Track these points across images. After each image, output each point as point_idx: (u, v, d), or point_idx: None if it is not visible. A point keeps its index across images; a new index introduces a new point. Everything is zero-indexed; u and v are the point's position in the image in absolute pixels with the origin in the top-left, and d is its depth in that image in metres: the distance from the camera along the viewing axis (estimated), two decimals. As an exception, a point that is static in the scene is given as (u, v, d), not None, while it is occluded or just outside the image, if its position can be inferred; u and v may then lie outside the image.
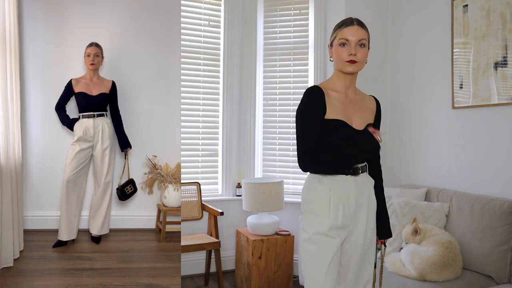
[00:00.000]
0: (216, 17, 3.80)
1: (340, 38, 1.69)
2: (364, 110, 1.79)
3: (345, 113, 1.72)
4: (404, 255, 2.47)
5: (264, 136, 3.87)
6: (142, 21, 3.43)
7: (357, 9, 3.55)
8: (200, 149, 3.78)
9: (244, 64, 3.83)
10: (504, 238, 2.37)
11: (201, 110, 3.77)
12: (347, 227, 1.72)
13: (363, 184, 1.76)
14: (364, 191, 1.76)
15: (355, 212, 1.73)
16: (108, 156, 3.12)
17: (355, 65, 1.69)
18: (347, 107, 1.74)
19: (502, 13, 2.60)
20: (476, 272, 2.46)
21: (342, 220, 1.69)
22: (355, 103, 1.77)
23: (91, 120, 3.08)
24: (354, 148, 1.70)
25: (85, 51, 3.09)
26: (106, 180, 3.14)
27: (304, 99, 1.71)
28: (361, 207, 1.74)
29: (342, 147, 1.69)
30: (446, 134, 3.06)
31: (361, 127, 1.74)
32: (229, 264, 3.75)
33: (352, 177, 1.71)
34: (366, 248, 1.78)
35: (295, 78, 3.79)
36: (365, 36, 1.70)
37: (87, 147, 3.07)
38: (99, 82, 3.16)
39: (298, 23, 3.79)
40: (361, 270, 1.81)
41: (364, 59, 1.71)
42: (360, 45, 1.68)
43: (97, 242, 3.13)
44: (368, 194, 1.77)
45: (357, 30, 1.68)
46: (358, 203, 1.73)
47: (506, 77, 2.58)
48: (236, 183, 3.82)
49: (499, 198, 2.49)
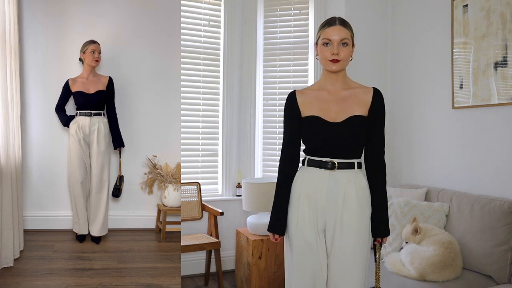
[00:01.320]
0: (216, 17, 3.80)
1: (323, 38, 1.75)
2: (349, 103, 1.77)
3: (323, 108, 1.78)
4: (404, 255, 2.47)
5: (264, 136, 3.87)
6: (142, 21, 3.43)
7: (357, 9, 3.55)
8: (200, 149, 3.78)
9: (244, 64, 3.83)
10: (504, 238, 2.37)
11: (201, 110, 3.77)
12: (319, 220, 1.76)
13: (341, 180, 1.74)
14: (340, 188, 1.74)
15: (326, 207, 1.74)
16: (103, 155, 3.12)
17: (339, 63, 1.74)
18: (327, 103, 1.79)
19: (502, 13, 2.60)
20: (476, 272, 2.46)
21: (309, 213, 1.76)
22: (340, 97, 1.79)
23: (87, 119, 3.09)
24: (317, 140, 1.76)
25: (87, 47, 3.08)
26: (103, 180, 3.13)
27: (284, 106, 1.90)
28: (333, 203, 1.74)
29: (315, 140, 1.77)
30: (446, 134, 3.06)
31: (341, 119, 1.76)
32: (229, 264, 3.75)
33: (326, 171, 1.75)
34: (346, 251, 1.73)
35: (295, 78, 3.79)
36: (348, 35, 1.74)
37: (84, 145, 3.09)
38: (96, 80, 3.16)
39: (298, 23, 3.79)
40: (342, 276, 1.73)
41: (347, 57, 1.76)
42: (343, 44, 1.73)
43: (97, 242, 3.13)
44: (345, 193, 1.74)
45: (339, 29, 1.73)
46: (329, 197, 1.74)
47: (506, 77, 2.58)
48: (236, 183, 3.82)
49: (499, 198, 2.49)
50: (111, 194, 3.20)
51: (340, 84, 1.81)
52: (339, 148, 1.75)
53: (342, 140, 1.74)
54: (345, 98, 1.78)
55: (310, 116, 1.79)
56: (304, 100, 1.81)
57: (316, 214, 1.76)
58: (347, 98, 1.78)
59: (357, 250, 1.74)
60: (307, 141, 1.81)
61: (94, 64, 3.11)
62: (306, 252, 1.77)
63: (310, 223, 1.77)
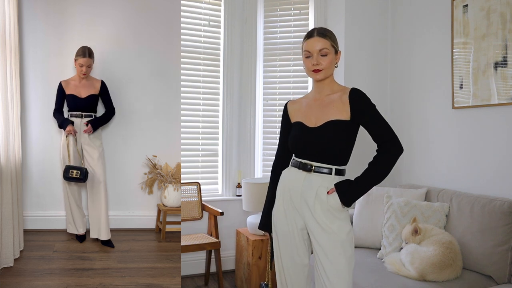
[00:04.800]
0: (216, 17, 3.80)
1: (304, 51, 1.83)
2: (328, 108, 1.81)
3: (307, 115, 1.87)
4: (404, 255, 2.47)
5: (264, 136, 3.87)
6: (142, 21, 3.44)
7: (357, 9, 3.55)
8: (200, 149, 3.78)
9: (244, 64, 3.83)
10: (504, 238, 2.37)
11: (201, 110, 3.77)
12: (296, 216, 1.84)
13: (315, 183, 1.79)
14: (312, 190, 1.79)
15: (300, 207, 1.83)
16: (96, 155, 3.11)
17: (321, 73, 1.81)
18: (310, 109, 1.87)
19: (502, 13, 2.60)
20: (476, 272, 2.45)
21: (284, 208, 1.87)
22: (321, 103, 1.86)
23: (78, 120, 3.12)
24: (297, 144, 1.85)
25: (77, 59, 3.06)
26: (100, 180, 3.12)
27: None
28: (305, 203, 1.81)
29: (293, 143, 1.88)
30: (446, 134, 3.06)
31: (319, 124, 1.82)
32: (229, 264, 3.75)
33: (303, 172, 1.83)
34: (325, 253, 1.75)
35: (295, 78, 3.79)
36: (326, 45, 1.79)
37: (76, 144, 3.10)
38: (88, 84, 3.17)
39: (298, 23, 3.79)
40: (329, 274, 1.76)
41: (329, 65, 1.80)
42: (322, 55, 1.79)
43: (112, 245, 3.13)
44: (317, 195, 1.78)
45: (317, 41, 1.78)
46: (303, 198, 1.81)
47: (506, 77, 2.58)
48: (236, 183, 3.82)
49: (499, 198, 2.49)
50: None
51: (325, 91, 1.87)
52: (316, 152, 1.80)
53: (318, 144, 1.79)
54: (327, 103, 1.84)
55: (295, 122, 1.92)
56: (294, 108, 1.96)
57: (293, 213, 1.86)
58: (329, 103, 1.83)
59: (336, 249, 1.75)
60: (290, 144, 1.92)
61: (82, 77, 3.12)
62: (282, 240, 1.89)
63: (284, 216, 1.88)
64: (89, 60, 3.08)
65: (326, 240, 1.76)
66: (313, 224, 1.79)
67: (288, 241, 1.87)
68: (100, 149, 3.16)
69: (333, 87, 1.88)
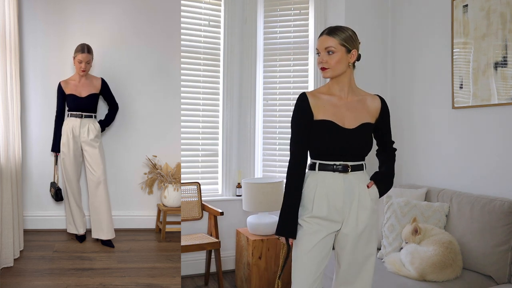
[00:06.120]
0: (216, 17, 3.80)
1: (316, 49, 1.88)
2: (360, 111, 1.87)
3: (336, 114, 1.84)
4: (404, 255, 2.47)
5: (264, 136, 3.87)
6: (142, 21, 3.43)
7: (357, 9, 3.55)
8: (200, 149, 3.78)
9: (244, 64, 3.83)
10: (504, 238, 2.37)
11: (201, 110, 3.77)
12: (335, 221, 1.82)
13: (354, 182, 1.83)
14: (355, 189, 1.83)
15: (343, 209, 1.82)
16: (96, 154, 3.11)
17: (327, 71, 1.82)
18: (339, 109, 1.85)
19: (502, 13, 2.60)
20: (476, 272, 2.46)
21: (328, 213, 1.80)
22: (350, 104, 1.87)
23: (78, 120, 3.10)
24: (330, 144, 1.80)
25: (76, 55, 3.05)
26: (100, 180, 3.13)
27: (294, 107, 1.88)
28: (350, 204, 1.82)
29: (329, 144, 1.81)
30: (446, 134, 3.06)
31: (354, 125, 1.84)
32: (229, 264, 3.75)
33: (340, 174, 1.82)
34: (360, 249, 1.84)
35: (295, 78, 3.79)
36: (333, 43, 1.80)
37: (76, 144, 3.09)
38: (88, 83, 3.15)
39: (298, 23, 3.79)
40: (355, 273, 1.86)
41: (336, 65, 1.80)
42: (328, 52, 1.80)
43: (112, 246, 3.12)
44: (359, 192, 1.83)
45: (325, 39, 1.81)
46: (345, 200, 1.81)
47: (506, 77, 2.58)
48: (236, 183, 3.82)
49: (499, 198, 2.49)
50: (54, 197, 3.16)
51: (348, 91, 1.88)
52: (352, 152, 1.83)
53: (355, 145, 1.83)
54: (355, 105, 1.87)
55: (323, 120, 1.82)
56: (316, 103, 1.84)
57: (335, 214, 1.82)
58: (357, 105, 1.88)
59: (369, 246, 1.86)
60: (318, 144, 1.83)
61: (81, 74, 3.10)
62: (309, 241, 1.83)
63: (329, 222, 1.83)
64: (88, 56, 3.05)
65: (365, 233, 1.84)
66: (352, 223, 1.82)
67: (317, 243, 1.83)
68: (100, 149, 3.15)
69: (354, 89, 1.91)
